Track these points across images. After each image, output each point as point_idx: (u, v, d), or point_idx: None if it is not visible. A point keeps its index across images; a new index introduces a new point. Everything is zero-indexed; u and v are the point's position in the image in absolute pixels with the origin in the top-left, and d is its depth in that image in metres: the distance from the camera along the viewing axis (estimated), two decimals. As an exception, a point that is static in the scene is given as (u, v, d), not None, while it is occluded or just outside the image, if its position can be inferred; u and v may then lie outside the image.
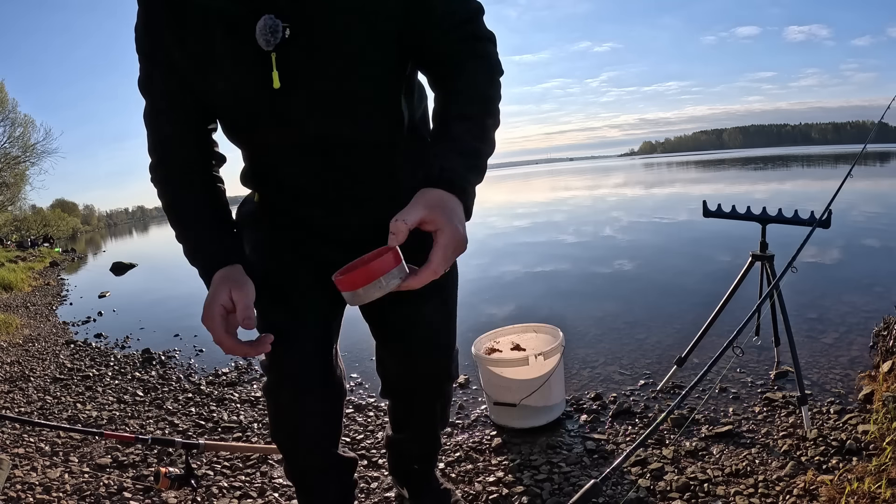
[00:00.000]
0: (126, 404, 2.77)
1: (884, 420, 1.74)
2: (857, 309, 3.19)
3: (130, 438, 1.79)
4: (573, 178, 36.77)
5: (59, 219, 40.79)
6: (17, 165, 26.50)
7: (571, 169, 76.58)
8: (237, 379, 3.02)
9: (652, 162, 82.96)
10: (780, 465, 1.68)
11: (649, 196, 14.90)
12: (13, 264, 11.93)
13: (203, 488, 1.80)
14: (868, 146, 2.46)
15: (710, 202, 2.12)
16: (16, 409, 2.81)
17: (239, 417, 2.46)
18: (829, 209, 1.90)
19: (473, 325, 3.63)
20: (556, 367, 2.04)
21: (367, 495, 1.73)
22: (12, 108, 25.51)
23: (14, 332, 4.82)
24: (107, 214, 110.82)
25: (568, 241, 7.50)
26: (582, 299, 4.27)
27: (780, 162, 33.98)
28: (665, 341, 2.99)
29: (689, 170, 34.32)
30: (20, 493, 1.81)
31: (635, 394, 2.34)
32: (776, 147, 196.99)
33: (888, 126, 2.44)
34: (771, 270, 2.03)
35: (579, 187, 22.96)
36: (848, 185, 2.10)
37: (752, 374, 2.39)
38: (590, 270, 5.40)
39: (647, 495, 1.60)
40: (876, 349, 2.47)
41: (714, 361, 1.24)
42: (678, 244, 6.57)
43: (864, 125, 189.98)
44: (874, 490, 1.42)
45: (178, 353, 3.79)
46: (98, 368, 3.48)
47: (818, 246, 4.92)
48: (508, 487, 1.70)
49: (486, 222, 10.93)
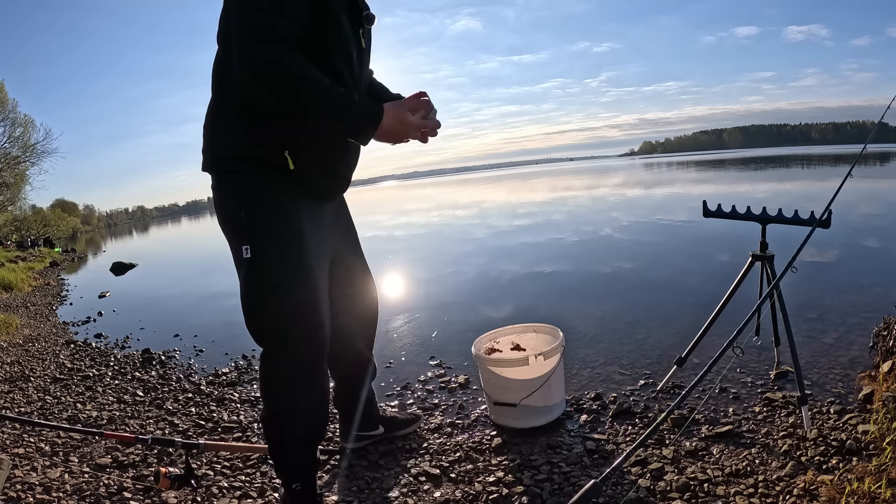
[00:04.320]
0: (126, 404, 2.77)
1: (884, 420, 1.74)
2: (857, 309, 3.19)
3: (130, 438, 1.79)
4: (573, 178, 36.77)
5: (59, 219, 40.76)
6: (17, 165, 26.48)
7: (571, 169, 76.57)
8: (237, 379, 3.02)
9: (652, 162, 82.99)
10: (780, 465, 1.68)
11: (649, 196, 14.89)
12: (13, 264, 11.92)
13: (203, 488, 1.80)
14: (868, 146, 2.46)
15: (711, 202, 2.12)
16: (16, 409, 2.81)
17: (239, 417, 2.46)
18: (829, 209, 1.90)
19: (473, 325, 3.64)
20: (556, 367, 2.04)
21: (367, 495, 1.73)
22: (12, 108, 25.50)
23: (14, 332, 4.82)
24: (107, 214, 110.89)
25: (568, 240, 7.50)
26: (582, 299, 4.27)
27: (780, 162, 33.96)
28: (665, 341, 2.99)
29: (689, 170, 34.31)
30: (20, 493, 1.81)
31: (635, 394, 2.34)
32: (776, 147, 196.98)
33: (888, 126, 2.44)
34: (771, 270, 2.03)
35: (579, 187, 22.95)
36: (848, 185, 2.10)
37: (752, 374, 2.39)
38: (590, 270, 5.40)
39: (647, 495, 1.60)
40: (876, 349, 2.47)
41: (714, 361, 1.24)
42: (678, 244, 6.57)
43: (864, 125, 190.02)
44: (874, 490, 1.42)
45: (178, 353, 3.79)
46: (98, 368, 3.47)
47: (818, 246, 4.91)
48: (508, 487, 1.70)
49: (486, 222, 10.94)
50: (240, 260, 1.44)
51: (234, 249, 1.46)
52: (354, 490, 1.76)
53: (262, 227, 1.41)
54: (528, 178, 48.95)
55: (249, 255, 1.41)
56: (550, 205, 14.78)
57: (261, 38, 1.22)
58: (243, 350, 3.61)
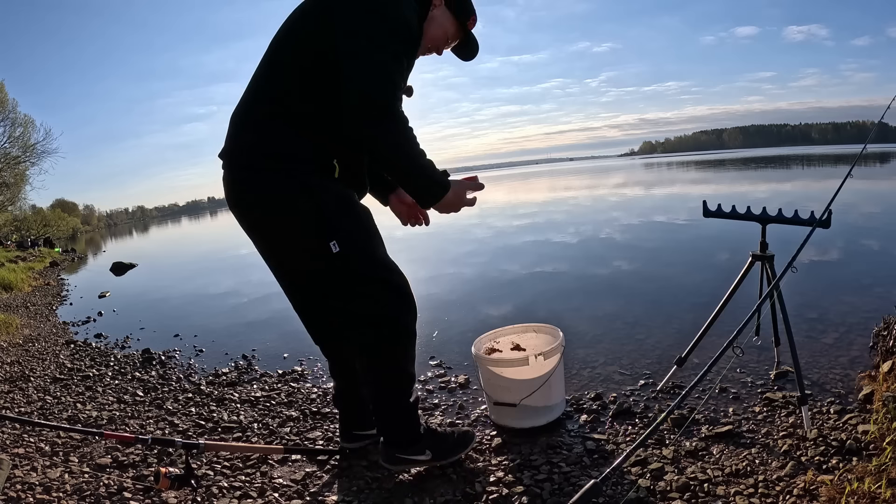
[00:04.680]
0: (126, 404, 2.77)
1: (884, 420, 1.74)
2: (857, 309, 3.19)
3: (130, 438, 1.79)
4: (573, 178, 36.75)
5: (59, 219, 40.71)
6: (17, 165, 26.45)
7: (571, 169, 76.56)
8: (237, 379, 3.02)
9: (652, 162, 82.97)
10: (780, 465, 1.68)
11: (649, 196, 14.89)
12: (13, 264, 11.92)
13: (203, 488, 1.80)
14: (868, 146, 2.46)
15: (710, 202, 2.12)
16: (16, 409, 2.81)
17: (239, 417, 2.46)
18: (829, 209, 1.90)
19: (473, 325, 3.64)
20: (556, 367, 2.04)
21: (367, 495, 1.73)
22: (12, 108, 25.47)
23: (14, 332, 4.82)
24: (107, 214, 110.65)
25: (568, 241, 7.50)
26: (582, 299, 4.27)
27: (780, 162, 33.96)
28: (665, 341, 2.99)
29: (689, 170, 34.31)
30: (20, 493, 1.81)
31: (635, 394, 2.34)
32: (776, 147, 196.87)
33: (888, 126, 2.44)
34: (771, 270, 2.03)
35: (579, 187, 22.95)
36: (848, 185, 2.10)
37: (752, 374, 2.39)
38: (590, 270, 5.40)
39: (647, 495, 1.60)
40: (876, 349, 2.47)
41: (714, 361, 1.24)
42: (678, 244, 6.57)
43: (864, 125, 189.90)
44: (874, 490, 1.42)
45: (178, 353, 3.79)
46: (98, 368, 3.47)
47: (818, 246, 4.91)
48: (508, 487, 1.70)
49: (486, 222, 10.93)
50: (323, 256, 1.52)
51: (306, 248, 1.55)
52: (354, 490, 1.76)
53: (345, 218, 1.54)
54: (528, 178, 48.93)
55: (338, 248, 1.51)
56: (550, 205, 14.78)
57: (395, 88, 1.40)
58: (243, 350, 3.61)
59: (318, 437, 2.18)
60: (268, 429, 2.32)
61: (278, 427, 2.32)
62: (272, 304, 4.99)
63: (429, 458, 1.76)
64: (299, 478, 1.85)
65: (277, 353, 3.50)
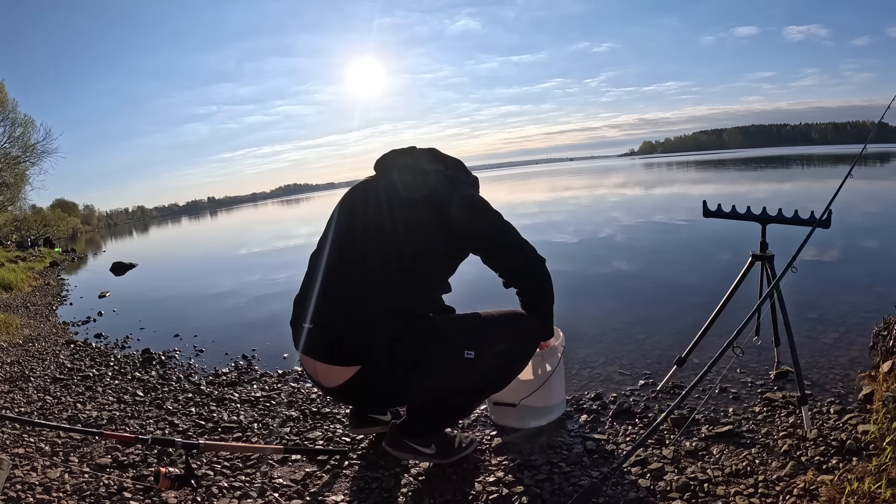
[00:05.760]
0: (126, 404, 2.77)
1: (884, 420, 1.74)
2: (857, 309, 3.19)
3: (130, 438, 1.79)
4: (573, 178, 36.75)
5: (59, 219, 40.67)
6: (17, 165, 26.44)
7: (571, 169, 76.52)
8: (237, 379, 3.02)
9: (652, 162, 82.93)
10: (780, 465, 1.68)
11: (649, 196, 14.89)
12: (13, 264, 11.92)
13: (203, 488, 1.80)
14: (868, 146, 2.46)
15: (711, 202, 2.12)
16: (16, 409, 2.81)
17: (239, 417, 2.46)
18: (829, 209, 1.90)
19: (473, 325, 3.63)
20: (556, 367, 2.04)
21: (367, 495, 1.73)
22: (12, 108, 25.44)
23: (14, 332, 4.82)
24: (107, 214, 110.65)
25: (568, 240, 7.50)
26: (582, 299, 4.27)
27: (780, 162, 33.95)
28: (665, 341, 2.99)
29: (689, 170, 34.30)
30: (20, 493, 1.81)
31: (635, 394, 2.34)
32: (776, 147, 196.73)
33: (888, 126, 2.44)
34: (771, 270, 2.03)
35: (579, 187, 22.94)
36: (848, 185, 2.10)
37: (752, 374, 2.39)
38: (590, 270, 5.40)
39: (647, 495, 1.60)
40: (876, 349, 2.47)
41: (714, 361, 1.24)
42: (678, 244, 6.57)
43: (864, 125, 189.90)
44: (874, 490, 1.42)
45: (178, 353, 3.79)
46: (98, 368, 3.47)
47: (818, 246, 4.91)
48: (508, 487, 1.69)
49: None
50: (461, 363, 1.69)
51: (448, 355, 1.69)
52: (354, 490, 1.76)
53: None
54: (527, 178, 48.92)
55: (472, 355, 1.69)
56: (550, 205, 14.78)
57: (532, 248, 1.87)
58: (243, 350, 3.61)
59: (318, 437, 2.18)
60: (268, 429, 2.32)
61: (278, 427, 2.32)
62: (272, 304, 4.99)
63: (432, 454, 1.79)
64: (299, 478, 1.86)
65: (277, 353, 3.50)
